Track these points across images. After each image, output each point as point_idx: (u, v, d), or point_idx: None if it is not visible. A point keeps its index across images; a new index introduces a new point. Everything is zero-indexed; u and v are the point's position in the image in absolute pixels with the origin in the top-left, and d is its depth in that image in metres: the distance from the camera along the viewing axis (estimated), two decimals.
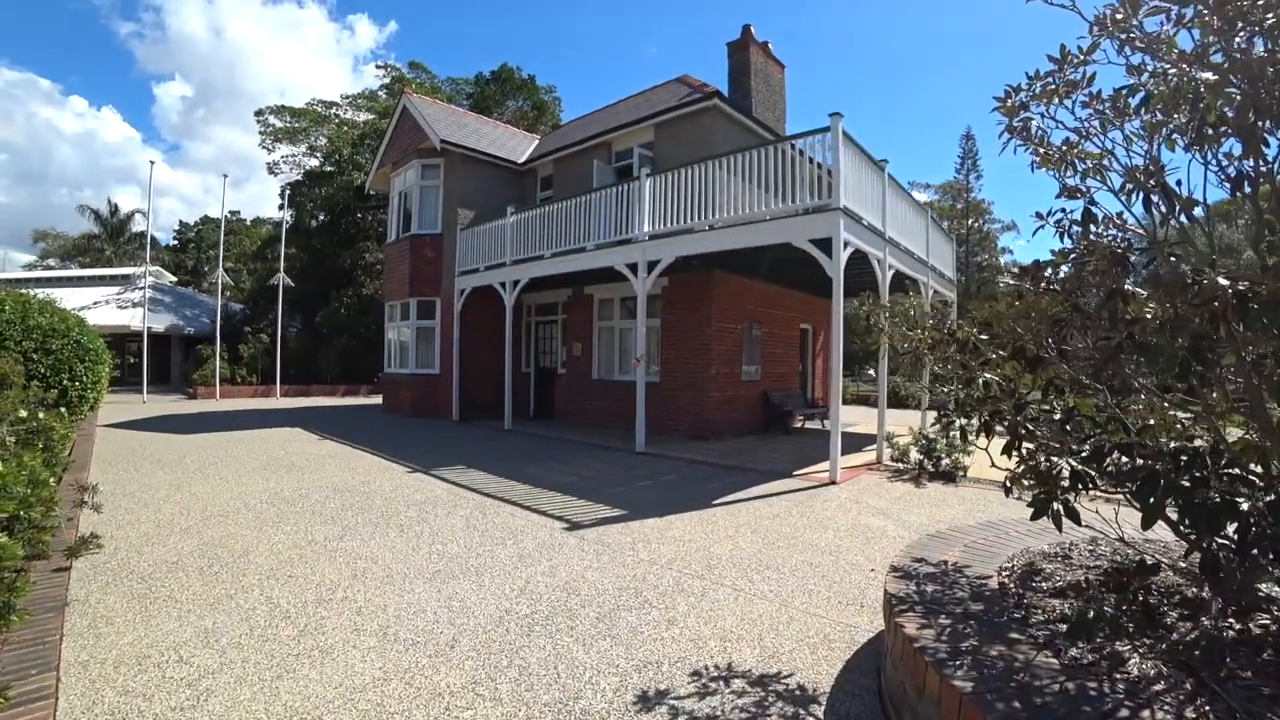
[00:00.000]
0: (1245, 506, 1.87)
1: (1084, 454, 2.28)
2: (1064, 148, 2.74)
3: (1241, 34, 1.97)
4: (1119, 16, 2.29)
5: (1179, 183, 2.31)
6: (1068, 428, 2.44)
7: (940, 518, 5.66)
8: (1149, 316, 1.92)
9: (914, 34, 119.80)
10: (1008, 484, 2.59)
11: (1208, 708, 1.72)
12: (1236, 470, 1.92)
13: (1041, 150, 2.80)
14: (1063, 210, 2.66)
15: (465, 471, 7.62)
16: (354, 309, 23.86)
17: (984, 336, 2.74)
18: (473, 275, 12.70)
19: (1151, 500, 1.91)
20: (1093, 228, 2.51)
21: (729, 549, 4.67)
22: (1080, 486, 2.24)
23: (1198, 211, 2.24)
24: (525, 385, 14.25)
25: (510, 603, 3.57)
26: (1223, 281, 1.60)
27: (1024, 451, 2.51)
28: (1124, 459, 2.14)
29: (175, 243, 50.34)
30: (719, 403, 10.97)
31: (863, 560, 4.40)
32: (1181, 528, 1.97)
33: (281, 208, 24.62)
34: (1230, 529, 1.88)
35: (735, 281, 11.41)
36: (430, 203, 14.25)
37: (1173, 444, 2.09)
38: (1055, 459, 2.43)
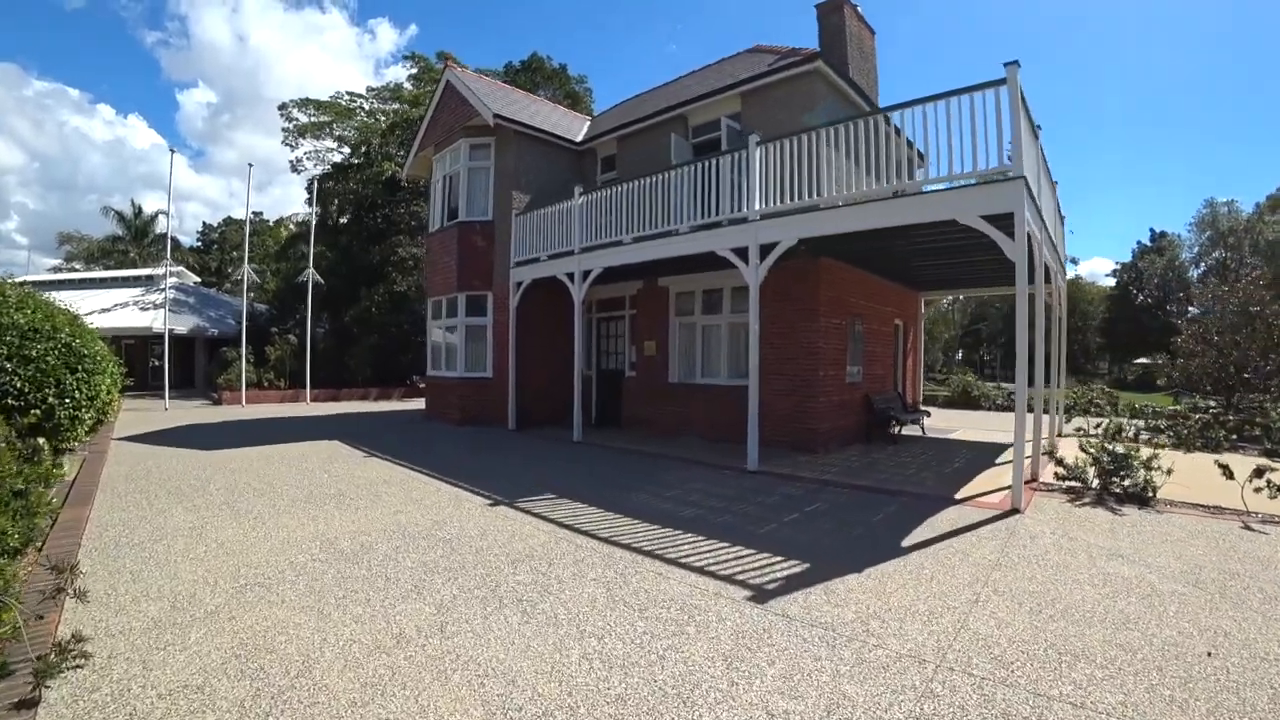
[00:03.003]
0: None
1: None
2: None
3: None
4: None
5: None
6: None
7: (1188, 558, 4.43)
8: None
9: (927, 19, 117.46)
10: None
11: None
12: None
13: None
14: None
15: (557, 503, 6.06)
16: (385, 306, 22.46)
17: None
18: (532, 266, 11.13)
19: None
20: None
21: (991, 626, 3.26)
22: None
23: None
24: (587, 389, 12.65)
25: None
26: None
27: None
28: None
29: (199, 244, 49.68)
30: (826, 409, 9.32)
31: (1174, 635, 3.17)
32: None
33: (309, 202, 23.31)
34: None
35: (841, 270, 9.75)
36: (480, 186, 12.68)
37: None
38: None
